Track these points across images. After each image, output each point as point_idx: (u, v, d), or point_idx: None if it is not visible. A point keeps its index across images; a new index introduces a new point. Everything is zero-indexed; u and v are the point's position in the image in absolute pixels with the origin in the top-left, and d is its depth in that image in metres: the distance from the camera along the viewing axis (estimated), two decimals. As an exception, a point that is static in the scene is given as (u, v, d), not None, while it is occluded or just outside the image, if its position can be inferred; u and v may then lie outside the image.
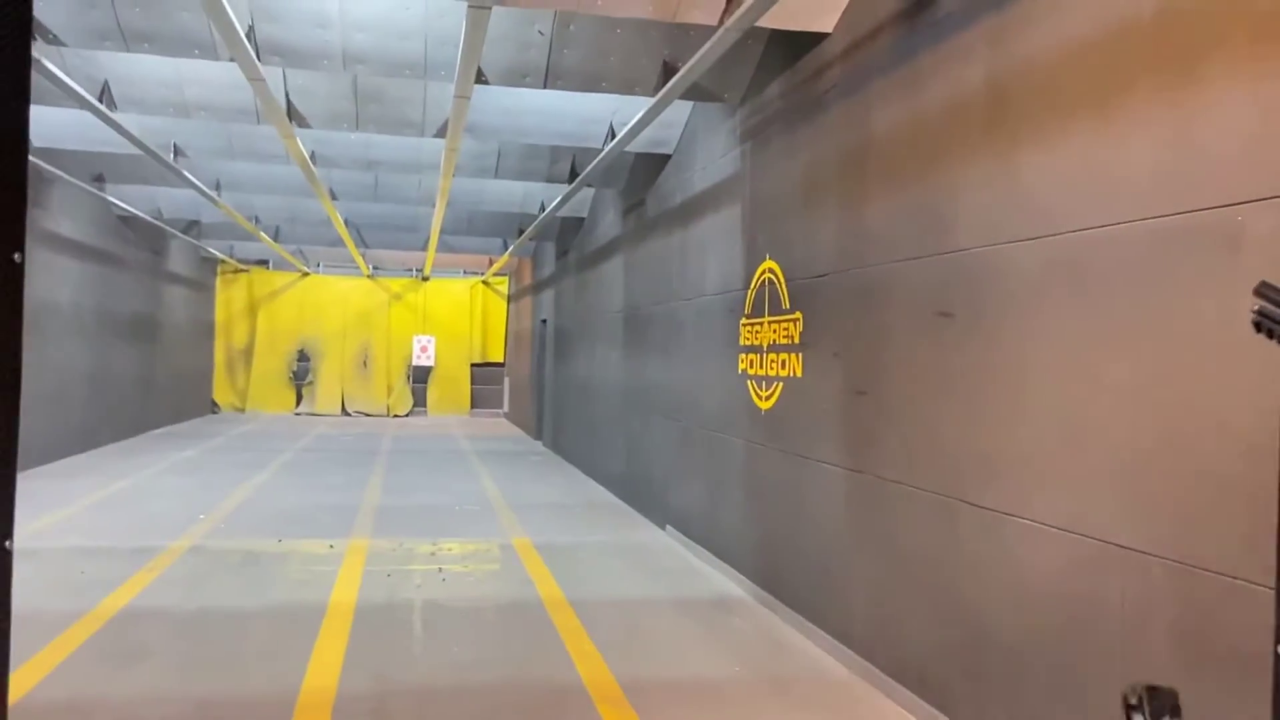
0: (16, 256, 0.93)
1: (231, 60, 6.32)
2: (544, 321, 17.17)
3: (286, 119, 7.78)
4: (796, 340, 5.87)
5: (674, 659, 5.18)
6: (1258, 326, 1.33)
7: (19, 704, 4.16)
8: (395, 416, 23.16)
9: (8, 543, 0.99)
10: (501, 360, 24.08)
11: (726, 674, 4.94)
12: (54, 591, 6.09)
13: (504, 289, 24.24)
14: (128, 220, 15.11)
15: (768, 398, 6.27)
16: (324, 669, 4.76)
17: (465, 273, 24.02)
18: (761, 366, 6.40)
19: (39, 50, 6.34)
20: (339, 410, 23.14)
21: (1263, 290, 1.33)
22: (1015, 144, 3.81)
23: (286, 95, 7.92)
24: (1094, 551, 3.33)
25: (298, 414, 22.87)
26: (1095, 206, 3.38)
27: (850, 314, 5.19)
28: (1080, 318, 3.44)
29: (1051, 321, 3.59)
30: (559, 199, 11.19)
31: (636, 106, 7.57)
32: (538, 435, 17.47)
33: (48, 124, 9.59)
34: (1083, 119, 3.46)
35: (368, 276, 23.31)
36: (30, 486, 10.20)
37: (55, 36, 6.25)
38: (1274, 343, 1.33)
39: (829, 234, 5.46)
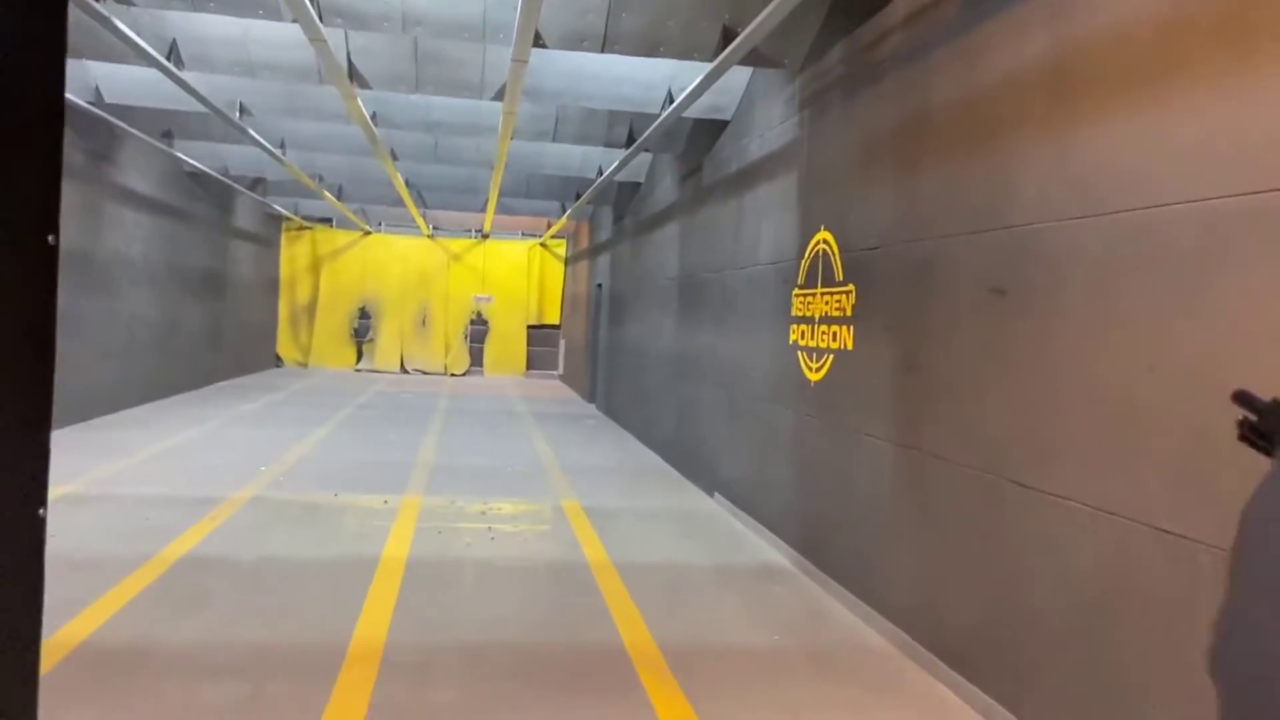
0: (51, 239, 0.97)
1: (294, 21, 6.39)
2: (599, 286, 17.21)
3: (348, 80, 7.86)
4: (849, 312, 5.82)
5: (716, 626, 5.23)
6: (1241, 437, 1.28)
7: (82, 645, 4.36)
8: (452, 375, 23.49)
9: (41, 510, 1.04)
10: (557, 323, 24.23)
11: (767, 642, 4.97)
12: (119, 537, 6.33)
13: (561, 252, 24.33)
14: (196, 176, 15.43)
15: (818, 369, 6.24)
16: (374, 621, 4.89)
17: (523, 235, 24.15)
18: (813, 338, 6.36)
19: (109, 9, 6.47)
20: (398, 368, 23.53)
21: (1242, 398, 1.28)
22: (1075, 119, 3.72)
23: (348, 56, 8.00)
24: (1142, 537, 3.28)
25: (358, 370, 23.30)
26: (1156, 185, 3.29)
27: (903, 288, 5.13)
28: (1138, 298, 3.36)
29: (1108, 301, 3.51)
30: (616, 164, 11.17)
31: (695, 72, 7.50)
32: (591, 398, 17.59)
33: (119, 81, 9.82)
34: (1145, 94, 3.36)
35: (428, 237, 23.55)
36: (99, 435, 10.58)
37: (125, -4, 6.38)
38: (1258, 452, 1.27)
39: (884, 206, 5.39)
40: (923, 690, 4.41)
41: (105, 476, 8.30)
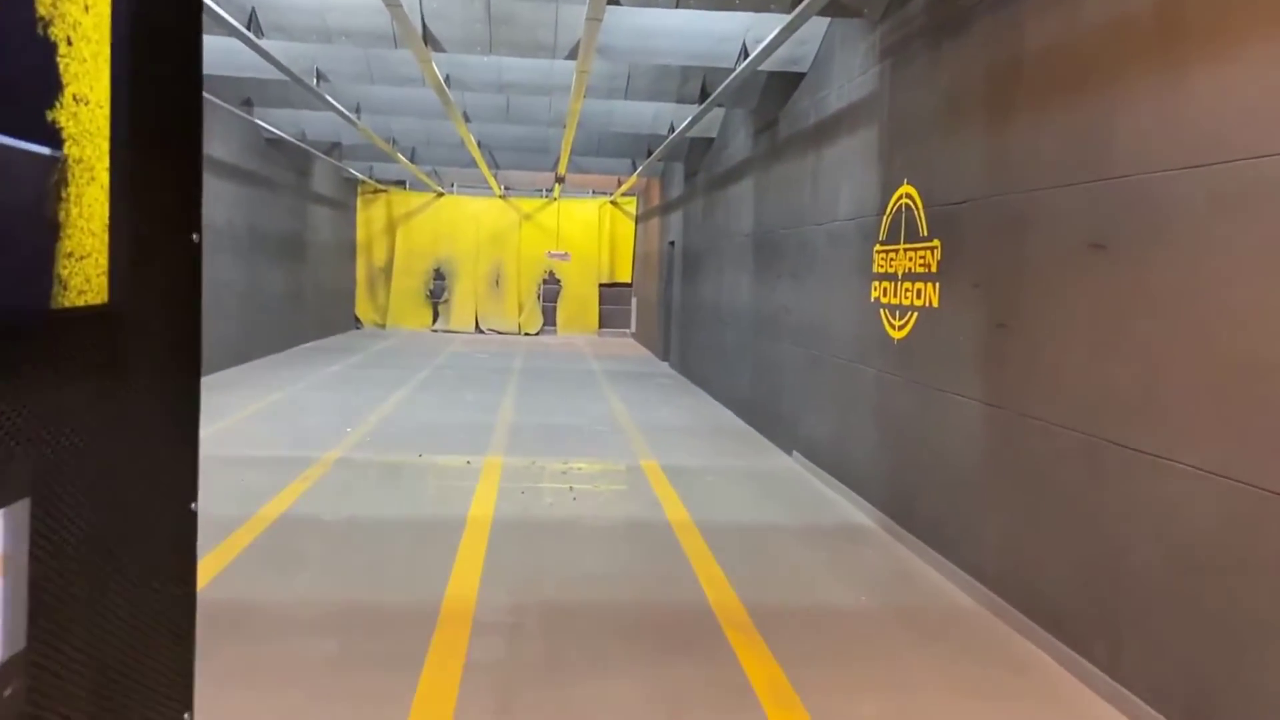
0: (195, 237, 0.98)
1: (370, -13, 6.42)
2: (671, 243, 17.13)
3: (422, 43, 7.89)
4: (934, 269, 5.69)
5: (801, 586, 5.23)
6: None
7: (193, 603, 4.54)
8: (526, 335, 23.71)
9: (193, 504, 1.06)
10: (629, 280, 24.23)
11: (853, 603, 4.96)
12: (218, 498, 6.55)
13: (632, 209, 24.25)
14: (275, 143, 15.71)
15: (901, 327, 6.13)
16: (464, 581, 5.00)
17: (594, 193, 24.11)
18: (895, 295, 6.24)
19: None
20: (473, 327, 23.83)
21: None
22: (1185, 62, 3.54)
23: (422, 19, 8.01)
24: (1250, 500, 3.16)
25: (434, 330, 23.67)
26: (1269, 132, 3.12)
27: (993, 243, 4.99)
28: (1248, 253, 3.21)
29: (1216, 257, 3.36)
30: (689, 120, 11.05)
31: (771, 24, 7.34)
32: (664, 356, 17.61)
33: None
34: (1258, 39, 3.18)
35: (499, 197, 23.67)
36: (194, 397, 10.93)
37: (206, -32, 6.47)
38: None
39: (972, 158, 5.23)
40: (1015, 651, 4.36)
41: (202, 439, 8.58)
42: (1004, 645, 4.44)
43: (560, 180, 9.90)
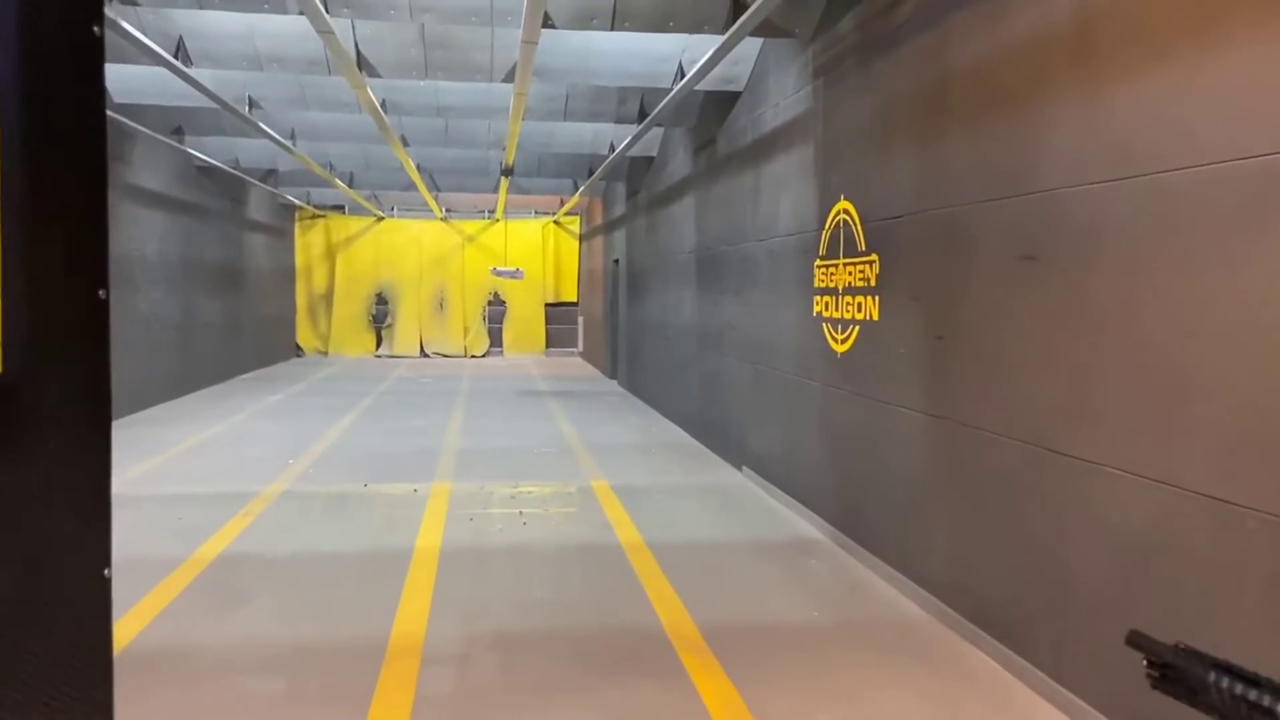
0: (101, 293, 0.94)
1: (301, 13, 6.35)
2: (616, 261, 17.15)
3: (356, 69, 7.81)
4: (873, 283, 5.76)
5: (753, 603, 5.23)
6: (1155, 686, 1.07)
7: (126, 650, 4.40)
8: (473, 357, 23.53)
9: (106, 571, 1.02)
10: (575, 300, 24.19)
11: (805, 618, 4.97)
12: (154, 538, 6.38)
13: (575, 228, 24.25)
14: (207, 171, 15.44)
15: (843, 341, 6.19)
16: (412, 614, 4.92)
17: (536, 213, 24.07)
18: (837, 309, 6.31)
19: (115, 10, 6.44)
20: (418, 352, 23.59)
21: (1135, 641, 1.08)
22: (1103, 79, 3.64)
23: (356, 46, 7.94)
24: (1186, 504, 3.24)
25: (378, 356, 23.38)
26: (1191, 145, 3.22)
27: (929, 256, 5.07)
28: (1172, 261, 3.30)
29: (1142, 265, 3.45)
30: (628, 139, 11.09)
31: (706, 45, 7.40)
32: (612, 374, 17.59)
33: (127, 80, 9.79)
34: (1178, 52, 3.28)
35: (441, 219, 23.52)
36: (126, 434, 10.67)
37: (131, -3, 6.34)
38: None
39: (907, 174, 5.32)
40: (965, 660, 4.40)
41: (136, 476, 8.37)
42: (954, 654, 4.49)
43: (507, 173, 9.69)
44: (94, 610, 0.93)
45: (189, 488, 7.98)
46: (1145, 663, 1.08)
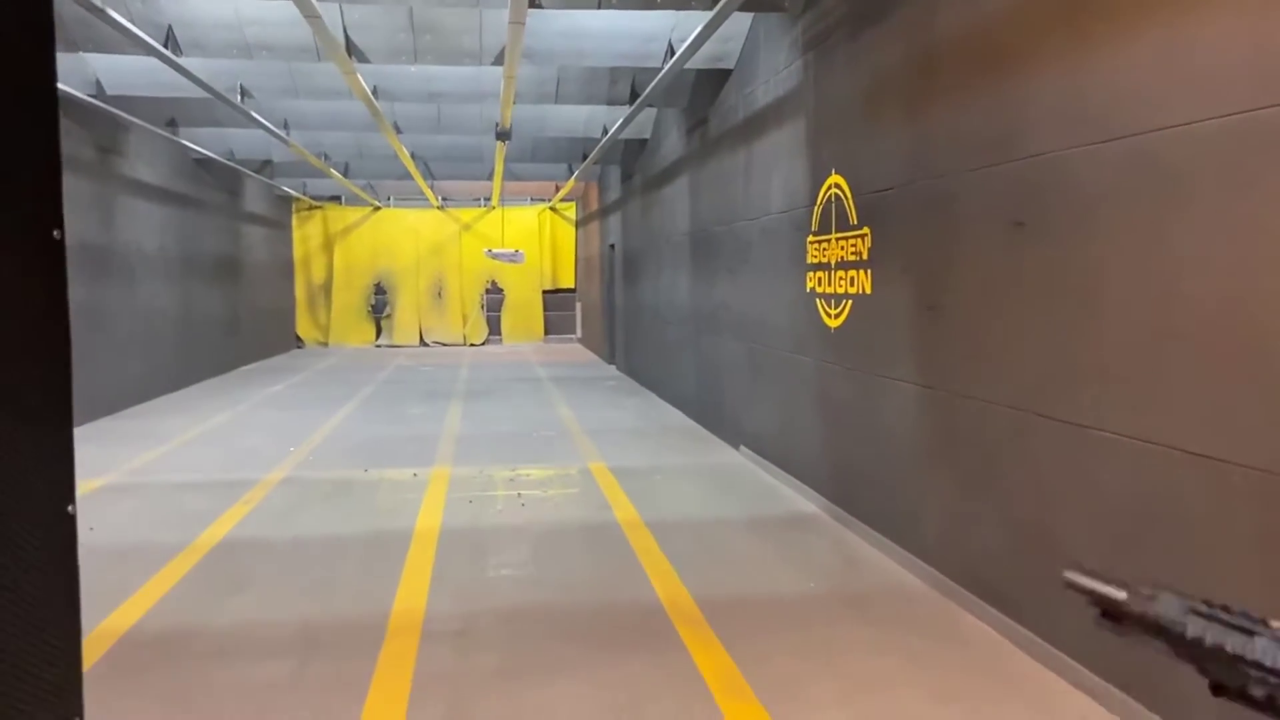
0: (56, 233, 0.94)
1: (288, -1, 6.33)
2: (612, 246, 17.14)
3: (346, 55, 7.80)
4: (865, 256, 5.77)
5: (750, 577, 5.25)
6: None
7: (129, 633, 4.44)
8: (471, 345, 23.55)
9: (70, 507, 1.03)
10: (573, 286, 24.18)
11: (803, 591, 5.00)
12: (158, 525, 6.42)
13: (572, 214, 24.22)
14: (203, 163, 15.42)
15: (837, 316, 6.20)
16: (412, 592, 4.95)
17: (531, 200, 24.03)
18: (830, 284, 6.31)
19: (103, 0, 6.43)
20: (417, 341, 23.61)
21: (1071, 582, 0.98)
22: (1088, 41, 3.64)
23: (344, 31, 7.93)
24: (1173, 462, 3.25)
25: (378, 346, 23.40)
26: (1175, 103, 3.22)
27: (920, 227, 5.07)
28: (1159, 223, 3.31)
29: (1129, 228, 3.46)
30: (620, 121, 11.07)
31: (694, 22, 7.39)
32: (610, 359, 17.61)
33: (119, 72, 9.79)
34: (1160, 9, 3.27)
35: (437, 208, 23.49)
36: (128, 425, 10.70)
37: (117, -14, 6.33)
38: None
39: (896, 145, 5.32)
40: (961, 627, 4.43)
41: (139, 466, 8.40)
42: (950, 622, 4.51)
43: (504, 136, 9.52)
44: (61, 546, 0.94)
45: (191, 476, 8.01)
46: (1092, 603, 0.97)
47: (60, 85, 9.24)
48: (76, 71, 9.64)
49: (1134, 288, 3.43)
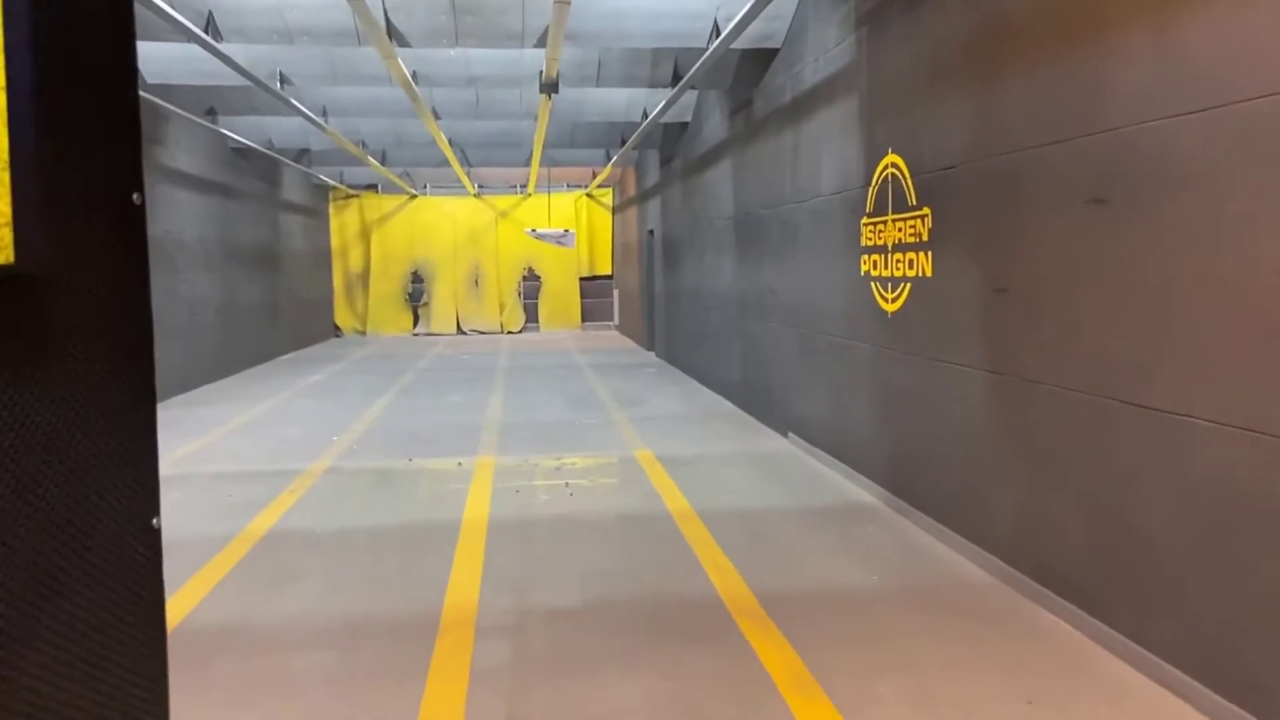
0: (136, 197, 0.82)
1: (330, -19, 6.23)
2: (650, 232, 16.97)
3: (386, 37, 7.69)
4: (925, 238, 5.57)
5: (809, 569, 5.10)
6: None
7: (179, 627, 4.37)
8: (509, 333, 23.51)
9: (155, 520, 0.89)
10: (610, 273, 24.05)
11: (865, 583, 4.84)
12: (205, 516, 6.37)
13: (608, 201, 24.07)
14: (242, 152, 15.45)
15: (894, 300, 6.01)
16: (463, 586, 4.85)
17: (568, 186, 23.91)
18: (886, 267, 6.12)
19: (145, -15, 6.36)
20: (454, 329, 23.61)
21: None
22: (1178, 2, 3.42)
23: (385, 12, 7.82)
24: (1270, 451, 3.05)
25: (415, 334, 23.43)
26: (1274, 69, 3.00)
27: (986, 206, 4.87)
28: (1255, 198, 3.09)
29: (1221, 203, 3.25)
30: (662, 104, 10.89)
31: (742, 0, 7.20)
32: (650, 346, 17.47)
33: (158, 59, 9.76)
34: (1266, -31, 3.06)
35: (474, 195, 23.43)
36: (171, 415, 10.73)
37: (159, -30, 6.26)
38: None
39: (960, 121, 5.11)
40: (1034, 622, 4.25)
41: (184, 456, 8.39)
42: (1021, 616, 4.33)
43: (550, 88, 9.14)
44: (147, 561, 0.82)
45: (236, 466, 7.98)
46: None
47: (102, 74, 9.24)
48: (118, 60, 9.62)
49: (1235, 267, 3.22)
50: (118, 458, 0.81)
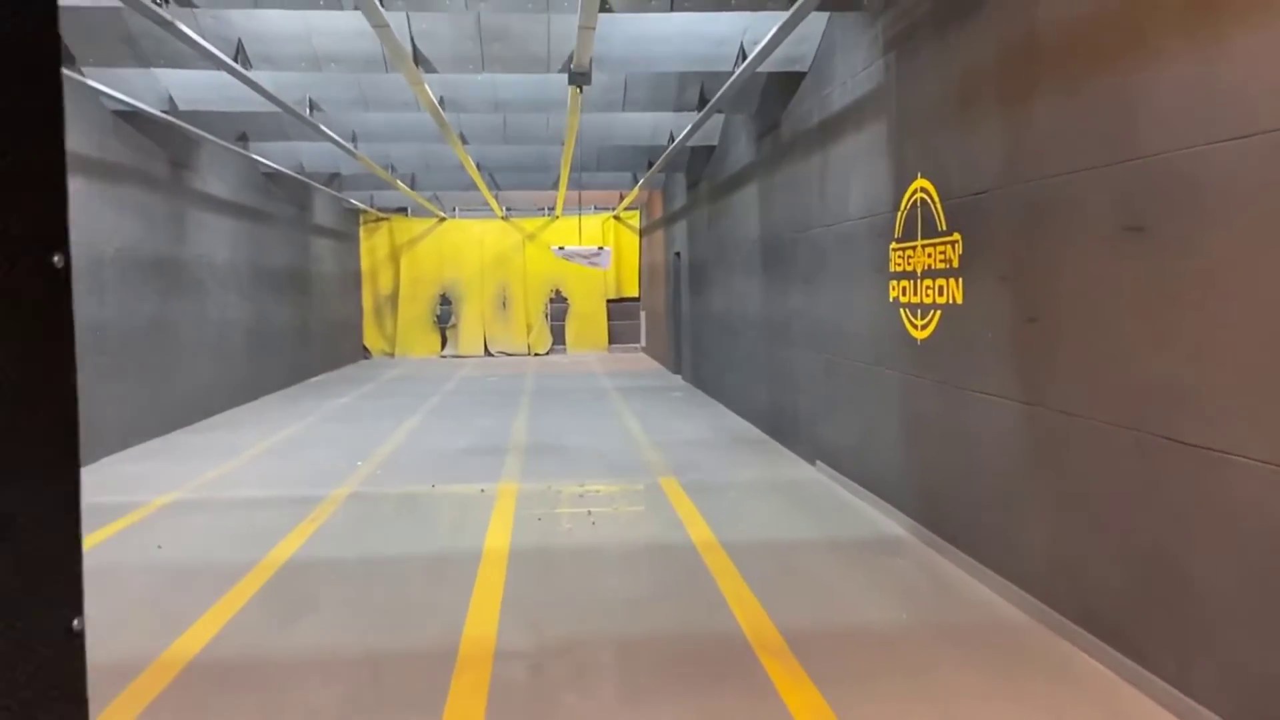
0: (57, 259, 0.73)
1: (355, 8, 6.24)
2: (677, 254, 16.91)
3: (413, 64, 7.70)
4: (955, 264, 5.45)
5: (836, 605, 4.97)
6: None
7: (195, 660, 4.31)
8: (536, 355, 23.49)
9: (76, 621, 0.80)
10: (637, 295, 24.00)
11: (894, 620, 4.70)
12: (226, 543, 6.34)
13: (635, 223, 24.05)
14: (273, 176, 15.58)
15: (923, 327, 5.89)
16: (483, 619, 4.76)
17: (596, 209, 23.92)
18: (915, 294, 6.00)
19: (172, 13, 6.40)
20: (482, 351, 23.63)
21: None
22: (1219, 25, 3.31)
23: (412, 40, 7.83)
24: (1329, 494, 2.91)
25: (443, 356, 23.47)
26: (1328, 94, 2.88)
27: (1019, 233, 4.75)
28: (1309, 226, 2.97)
29: (1263, 231, 3.12)
30: (689, 128, 10.84)
31: (768, 23, 7.14)
32: (676, 369, 17.36)
33: (190, 86, 9.85)
34: (1311, -10, 2.94)
35: (502, 218, 23.50)
36: (200, 439, 10.76)
37: (187, -1, 6.30)
38: None
39: (991, 146, 5.00)
40: (1070, 664, 4.09)
41: (209, 481, 8.39)
42: (1059, 658, 4.18)
43: (581, 78, 8.98)
44: (68, 669, 0.73)
45: (260, 491, 7.96)
46: None
47: (134, 101, 9.34)
48: (150, 88, 9.72)
49: (1271, 298, 3.09)
50: (38, 560, 0.73)
